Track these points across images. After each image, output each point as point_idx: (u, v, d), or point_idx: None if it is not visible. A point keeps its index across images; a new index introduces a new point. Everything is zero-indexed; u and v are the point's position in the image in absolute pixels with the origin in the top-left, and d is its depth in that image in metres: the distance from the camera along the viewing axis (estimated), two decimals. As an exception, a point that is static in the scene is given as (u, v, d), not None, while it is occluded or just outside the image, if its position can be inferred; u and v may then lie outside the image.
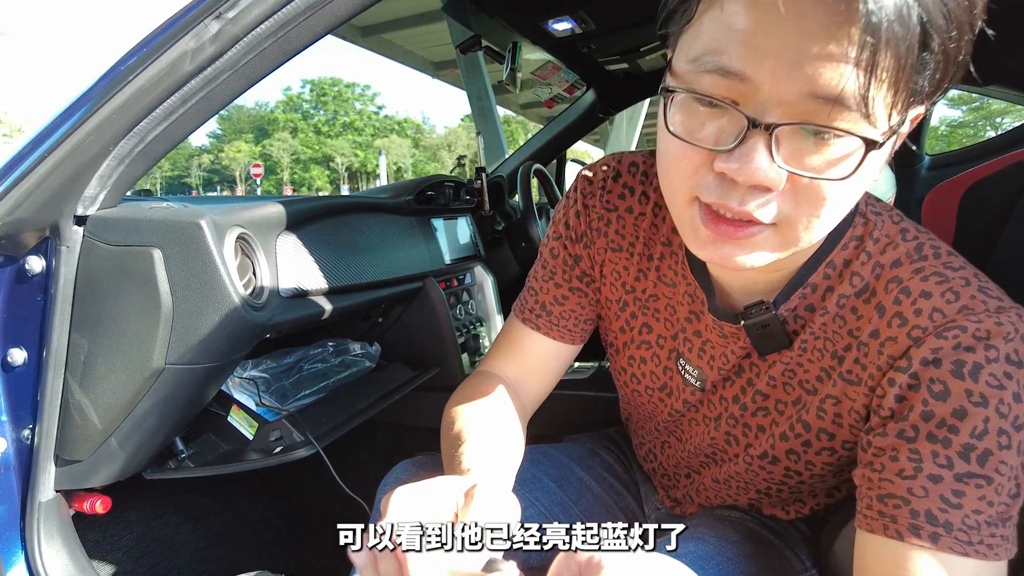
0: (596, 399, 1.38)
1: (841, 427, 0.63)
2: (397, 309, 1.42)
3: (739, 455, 0.73)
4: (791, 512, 0.79)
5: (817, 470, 0.68)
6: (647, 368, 0.78)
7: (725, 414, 0.73)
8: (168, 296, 0.87)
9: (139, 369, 0.90)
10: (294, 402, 1.13)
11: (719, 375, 0.71)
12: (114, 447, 0.96)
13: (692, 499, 0.85)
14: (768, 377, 0.67)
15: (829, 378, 0.63)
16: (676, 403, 0.77)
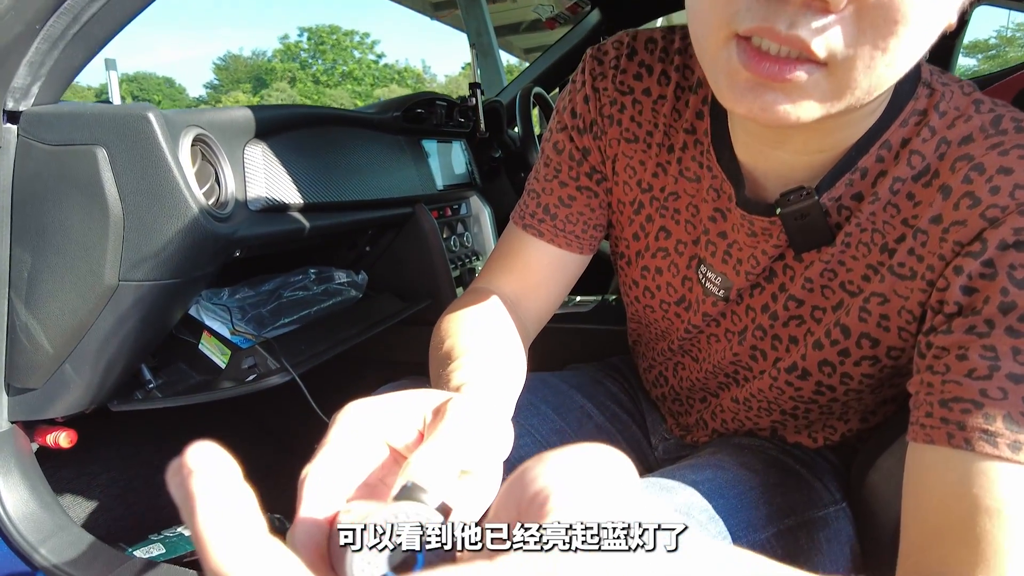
0: (598, 332, 1.29)
1: (888, 331, 0.55)
2: (386, 237, 1.32)
3: (765, 371, 0.64)
4: (819, 439, 0.71)
5: (854, 385, 0.59)
6: (663, 279, 0.69)
7: (751, 326, 0.64)
8: (117, 202, 0.77)
9: (90, 286, 0.81)
10: (272, 330, 1.04)
11: (746, 281, 0.61)
12: (70, 374, 0.88)
13: (706, 424, 0.76)
14: (804, 280, 0.58)
15: (876, 274, 0.54)
16: (695, 317, 0.68)
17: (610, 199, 0.70)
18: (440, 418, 0.32)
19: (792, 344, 0.61)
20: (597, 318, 1.30)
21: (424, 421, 0.33)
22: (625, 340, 1.23)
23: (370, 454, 0.32)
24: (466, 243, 1.52)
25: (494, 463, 0.33)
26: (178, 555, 1.03)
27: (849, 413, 0.66)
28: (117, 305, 0.82)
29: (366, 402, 0.33)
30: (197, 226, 0.79)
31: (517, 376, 0.56)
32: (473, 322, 0.60)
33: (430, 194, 1.35)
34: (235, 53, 65.84)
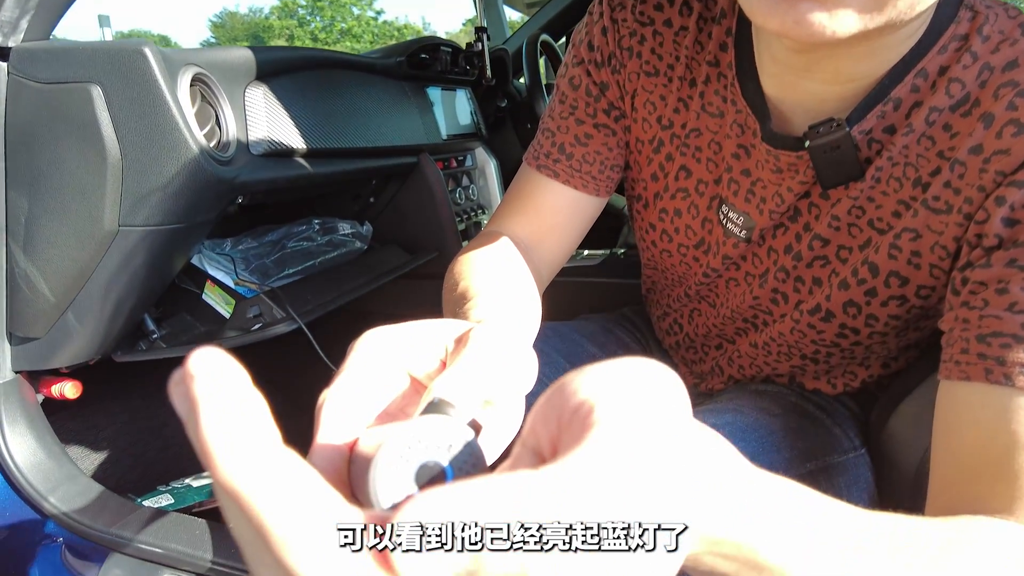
0: (607, 286, 1.27)
1: (918, 269, 0.53)
2: (390, 188, 1.29)
3: (786, 315, 0.62)
4: (839, 386, 0.69)
5: (879, 327, 0.57)
6: (682, 222, 0.67)
7: (773, 268, 0.61)
8: (114, 143, 0.74)
9: (89, 232, 0.79)
10: (275, 281, 1.02)
11: (770, 221, 0.59)
12: (72, 323, 0.86)
13: (721, 371, 0.75)
14: (831, 218, 0.56)
15: (908, 210, 0.52)
16: (714, 261, 0.66)
17: (628, 138, 0.67)
18: (463, 345, 0.30)
19: (816, 286, 0.59)
20: (606, 271, 1.28)
21: (446, 350, 0.31)
22: (636, 293, 1.21)
23: (390, 382, 0.30)
24: (472, 196, 1.50)
25: (517, 395, 0.31)
26: (187, 505, 1.03)
27: (871, 358, 0.65)
28: (118, 252, 0.80)
29: (385, 329, 0.31)
30: (198, 169, 0.76)
31: (534, 316, 0.54)
32: (487, 263, 0.58)
33: (435, 143, 1.32)
34: (232, 10, 64.50)
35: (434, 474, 0.22)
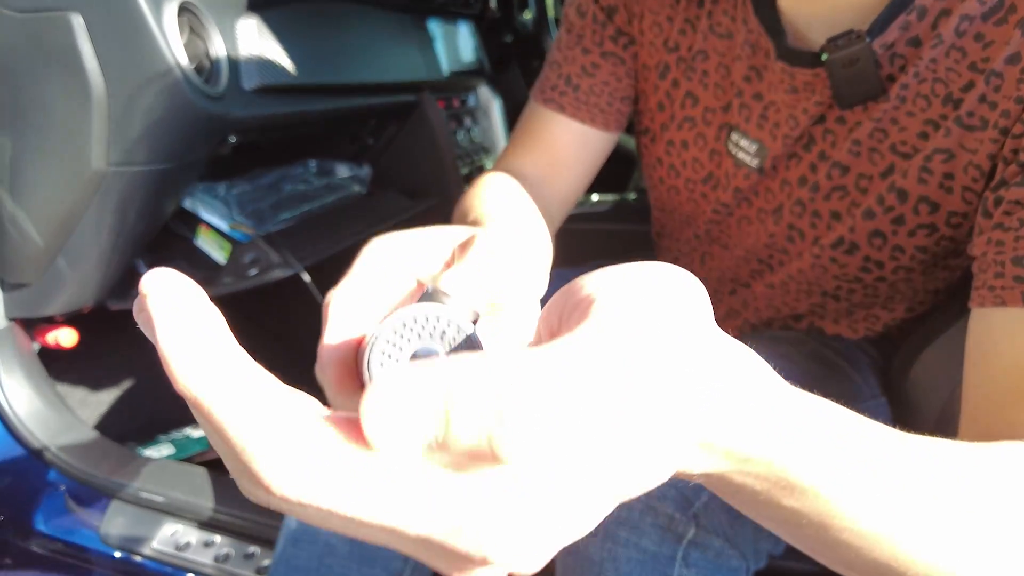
0: (618, 232, 1.24)
1: (951, 192, 0.50)
2: (390, 129, 1.24)
3: (804, 252, 0.59)
4: (860, 330, 0.67)
5: (904, 260, 0.55)
6: (688, 155, 0.64)
7: (788, 202, 0.58)
8: (99, 77, 0.70)
9: (77, 172, 0.75)
10: (272, 225, 0.98)
11: (783, 147, 0.56)
12: (64, 269, 0.83)
13: (737, 313, 0.72)
14: (851, 143, 0.53)
15: (938, 130, 0.48)
16: (724, 195, 0.63)
17: (636, 65, 0.64)
18: (468, 247, 0.29)
19: (834, 220, 0.56)
20: (616, 217, 1.24)
21: (452, 254, 0.30)
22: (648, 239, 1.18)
23: (397, 285, 0.29)
24: (475, 138, 1.44)
25: (528, 300, 0.29)
26: (188, 455, 1.02)
27: (895, 299, 0.62)
28: (107, 194, 0.77)
29: (392, 235, 0.30)
30: (188, 104, 0.72)
31: (545, 240, 0.52)
32: (497, 196, 0.55)
33: (436, 81, 1.26)
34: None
35: (430, 358, 0.20)
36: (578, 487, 0.18)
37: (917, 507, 0.27)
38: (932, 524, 0.27)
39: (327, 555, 0.65)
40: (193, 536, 0.82)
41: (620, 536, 0.43)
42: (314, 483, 0.17)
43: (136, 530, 0.83)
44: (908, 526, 0.27)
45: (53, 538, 0.87)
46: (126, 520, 0.85)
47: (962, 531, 0.28)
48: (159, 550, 0.80)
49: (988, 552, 0.28)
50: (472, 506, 0.17)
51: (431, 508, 0.17)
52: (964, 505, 0.28)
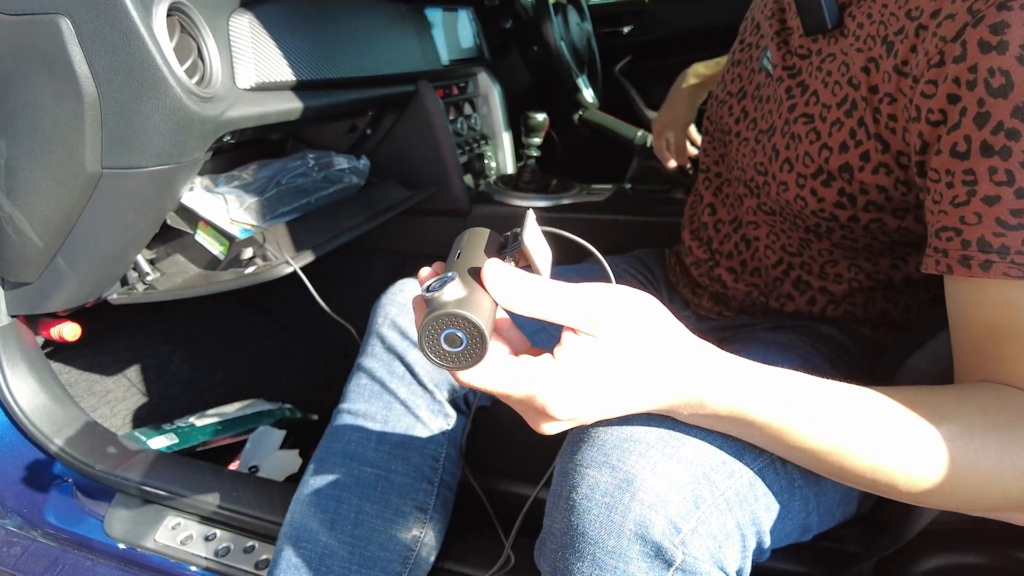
0: (615, 223, 1.23)
1: (894, 133, 0.53)
2: (387, 119, 1.24)
3: (787, 182, 0.63)
4: (845, 281, 0.69)
5: (872, 195, 0.57)
6: (736, 71, 0.75)
7: (779, 123, 0.64)
8: (89, 81, 0.70)
9: (71, 175, 0.76)
10: (271, 220, 0.99)
11: (783, 61, 0.65)
12: (63, 268, 0.84)
13: (738, 253, 0.76)
14: (824, 74, 0.59)
15: (878, 71, 0.53)
16: (746, 101, 0.72)
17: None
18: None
19: (797, 143, 0.62)
20: (613, 207, 1.24)
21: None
22: (645, 231, 1.18)
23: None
24: (474, 126, 1.43)
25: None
26: (191, 445, 1.04)
27: (874, 247, 0.64)
28: (103, 195, 0.77)
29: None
30: (180, 107, 0.72)
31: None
32: None
33: (434, 70, 1.25)
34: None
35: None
36: (594, 399, 0.41)
37: (847, 428, 0.42)
38: (861, 439, 0.42)
39: (327, 556, 0.67)
40: (194, 530, 0.84)
41: (608, 564, 0.44)
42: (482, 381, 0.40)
43: (139, 523, 0.85)
44: (845, 441, 0.43)
45: (61, 529, 0.90)
46: (129, 513, 0.87)
47: (890, 442, 0.42)
48: (161, 543, 0.83)
49: (909, 453, 0.42)
50: (538, 386, 0.39)
51: (522, 387, 0.39)
52: (889, 424, 0.42)
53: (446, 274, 0.39)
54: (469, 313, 0.37)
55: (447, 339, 0.37)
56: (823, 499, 0.55)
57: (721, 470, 0.47)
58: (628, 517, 0.44)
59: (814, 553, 0.69)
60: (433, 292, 0.38)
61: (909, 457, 0.42)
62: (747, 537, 0.47)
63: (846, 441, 0.43)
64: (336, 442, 0.71)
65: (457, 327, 0.37)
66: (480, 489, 0.79)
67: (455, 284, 0.39)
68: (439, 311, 0.37)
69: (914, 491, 0.43)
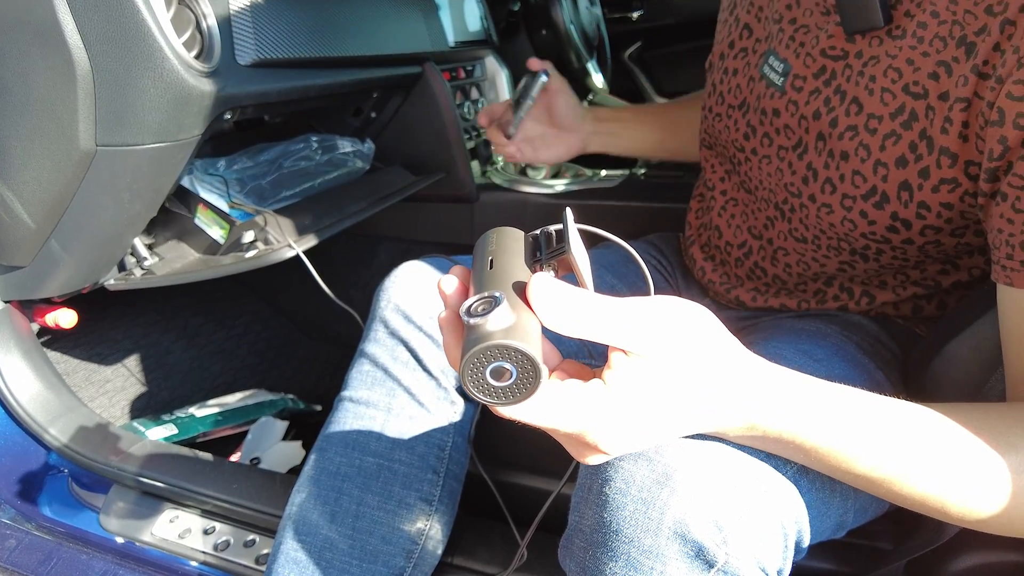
0: (627, 209, 1.20)
1: (966, 141, 0.48)
2: (393, 102, 1.20)
3: (831, 204, 0.57)
4: (888, 289, 0.65)
5: (929, 219, 0.52)
6: (733, 82, 0.69)
7: (807, 137, 0.58)
8: (82, 52, 0.67)
9: (65, 152, 0.73)
10: (273, 203, 0.95)
11: (804, 67, 0.57)
12: (58, 251, 0.81)
13: (764, 272, 0.70)
14: (868, 79, 0.52)
15: (951, 75, 0.48)
16: (752, 116, 0.64)
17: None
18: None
19: (843, 161, 0.55)
20: (625, 194, 1.20)
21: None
22: (657, 217, 1.14)
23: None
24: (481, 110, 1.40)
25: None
26: (191, 436, 1.01)
27: (926, 261, 0.60)
28: (98, 174, 0.74)
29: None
30: (178, 81, 0.69)
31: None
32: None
33: (441, 52, 1.21)
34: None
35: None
36: (646, 430, 0.36)
37: (904, 457, 0.39)
38: (919, 468, 0.39)
39: (327, 550, 0.64)
40: (193, 523, 0.81)
41: (643, 564, 0.41)
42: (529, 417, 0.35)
43: (136, 515, 0.83)
44: (901, 470, 0.40)
45: (56, 522, 0.87)
46: (126, 505, 0.84)
47: (950, 472, 0.39)
48: (159, 537, 0.80)
49: (967, 482, 0.39)
50: (589, 423, 0.35)
51: (573, 424, 0.35)
52: (951, 453, 0.39)
53: (493, 294, 0.34)
54: (523, 345, 0.32)
55: (493, 372, 0.33)
56: (860, 496, 0.52)
57: (765, 465, 0.44)
58: (667, 514, 0.40)
59: (844, 550, 0.65)
60: (478, 318, 0.33)
61: (967, 488, 0.39)
62: (788, 536, 0.44)
63: (901, 469, 0.40)
64: (337, 431, 0.68)
65: (507, 359, 0.32)
66: (491, 481, 0.76)
67: (503, 309, 0.33)
68: (488, 343, 0.32)
69: (968, 519, 0.40)
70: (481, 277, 0.36)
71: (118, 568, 0.79)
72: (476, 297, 0.34)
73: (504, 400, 0.34)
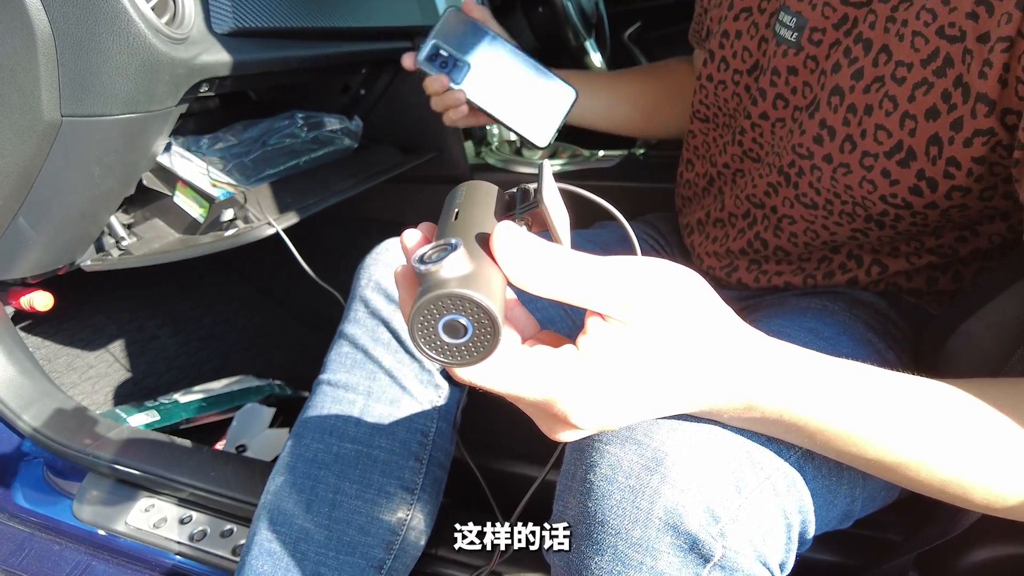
0: (625, 190, 1.16)
1: (1006, 86, 0.44)
2: (383, 79, 1.16)
3: (850, 164, 0.53)
4: (900, 255, 0.60)
5: (958, 179, 0.48)
6: (739, 44, 0.64)
7: (824, 94, 0.54)
8: (40, 13, 0.63)
9: (28, 122, 0.69)
10: (255, 181, 0.92)
11: (821, 18, 0.53)
12: (26, 229, 0.78)
13: (765, 244, 0.66)
14: (899, 24, 0.48)
15: (991, 14, 0.43)
16: (763, 79, 0.60)
17: None
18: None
19: (866, 116, 0.51)
20: (623, 174, 1.17)
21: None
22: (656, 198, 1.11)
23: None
24: (476, 89, 1.36)
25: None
26: (173, 422, 0.97)
27: (945, 226, 0.56)
28: (65, 146, 0.71)
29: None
30: (145, 46, 0.65)
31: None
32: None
33: (432, 25, 1.17)
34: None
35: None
36: (623, 403, 0.32)
37: (921, 439, 0.36)
38: (938, 451, 0.36)
39: (302, 541, 0.61)
40: (169, 512, 0.78)
41: (632, 559, 0.37)
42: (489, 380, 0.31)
43: (110, 504, 0.79)
44: (918, 454, 0.36)
45: (29, 512, 0.84)
46: (100, 494, 0.81)
47: (973, 455, 0.36)
48: (133, 526, 0.76)
49: (992, 464, 0.36)
50: (557, 390, 0.31)
51: (538, 390, 0.31)
52: (974, 433, 0.36)
53: (449, 241, 0.31)
54: (479, 295, 0.28)
55: (446, 327, 0.29)
56: (869, 483, 0.48)
57: (765, 449, 0.40)
58: (657, 503, 0.37)
59: (852, 541, 0.62)
60: (429, 265, 0.29)
61: (993, 470, 0.36)
62: (792, 527, 0.41)
63: (919, 452, 0.36)
64: (314, 416, 0.65)
65: (461, 312, 0.29)
66: (476, 468, 0.72)
67: (459, 255, 0.30)
68: (439, 291, 0.28)
69: (994, 506, 0.37)
70: (444, 229, 0.33)
71: (91, 559, 0.75)
72: (431, 245, 0.31)
73: (457, 360, 0.30)
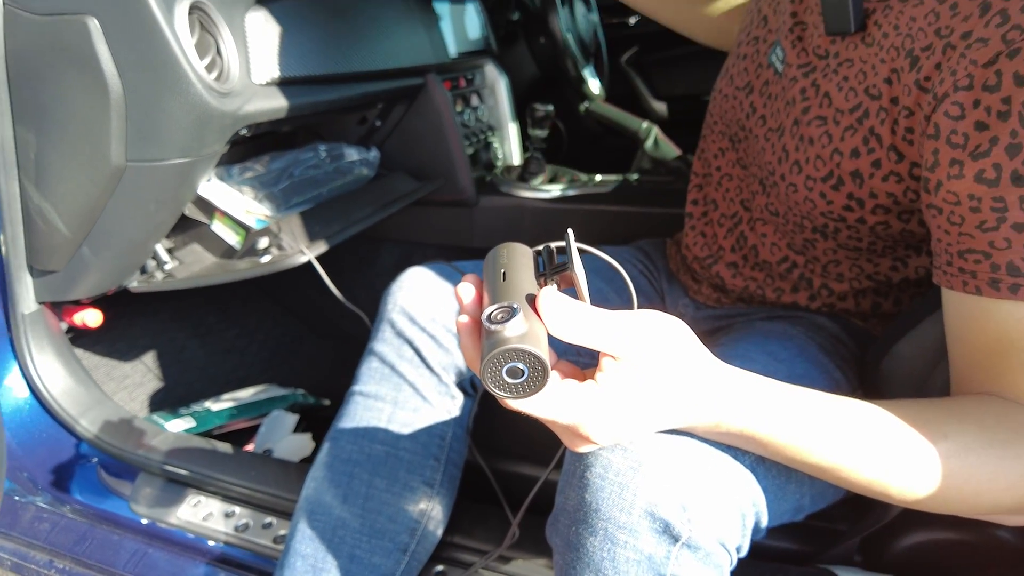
0: (620, 214, 1.26)
1: (911, 145, 0.54)
2: (396, 111, 1.27)
3: (797, 184, 0.64)
4: (845, 279, 0.72)
5: (881, 199, 0.59)
6: (743, 65, 0.75)
7: (787, 123, 0.65)
8: (115, 77, 0.73)
9: (98, 168, 0.79)
10: (285, 210, 1.02)
11: (796, 59, 0.66)
12: (88, 256, 0.88)
13: (744, 242, 0.77)
14: (840, 78, 0.59)
15: (899, 83, 0.53)
16: (755, 97, 0.72)
17: None
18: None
19: (809, 145, 0.62)
20: (617, 199, 1.26)
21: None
22: (649, 223, 1.20)
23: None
24: (481, 117, 1.46)
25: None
26: (208, 428, 1.08)
27: (877, 249, 0.66)
28: (127, 187, 0.81)
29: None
30: (200, 102, 0.75)
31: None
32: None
33: (442, 63, 1.27)
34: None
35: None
36: (629, 425, 0.42)
37: (848, 447, 0.46)
38: (861, 457, 0.46)
39: (339, 528, 0.71)
40: (215, 507, 0.88)
41: (619, 538, 0.48)
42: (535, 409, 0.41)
43: (162, 500, 0.90)
44: (845, 459, 0.46)
45: (87, 506, 0.94)
46: (153, 491, 0.91)
47: (888, 460, 0.45)
48: (183, 519, 0.87)
49: (905, 468, 0.45)
50: (583, 417, 0.41)
51: (570, 417, 0.41)
52: (889, 442, 0.45)
53: (511, 305, 0.40)
54: (536, 350, 0.38)
55: (509, 371, 0.39)
56: (816, 483, 0.58)
57: (726, 455, 0.51)
58: (639, 496, 0.47)
59: (805, 531, 0.72)
60: (498, 325, 0.39)
61: (905, 473, 0.46)
62: (747, 517, 0.51)
63: (847, 459, 0.46)
64: (348, 422, 0.75)
65: (521, 360, 0.38)
66: (486, 467, 0.83)
67: (519, 318, 0.39)
68: (506, 347, 0.38)
69: (908, 500, 0.47)
70: (495, 288, 0.43)
71: (147, 547, 0.86)
72: (496, 306, 0.41)
73: (516, 395, 0.40)
